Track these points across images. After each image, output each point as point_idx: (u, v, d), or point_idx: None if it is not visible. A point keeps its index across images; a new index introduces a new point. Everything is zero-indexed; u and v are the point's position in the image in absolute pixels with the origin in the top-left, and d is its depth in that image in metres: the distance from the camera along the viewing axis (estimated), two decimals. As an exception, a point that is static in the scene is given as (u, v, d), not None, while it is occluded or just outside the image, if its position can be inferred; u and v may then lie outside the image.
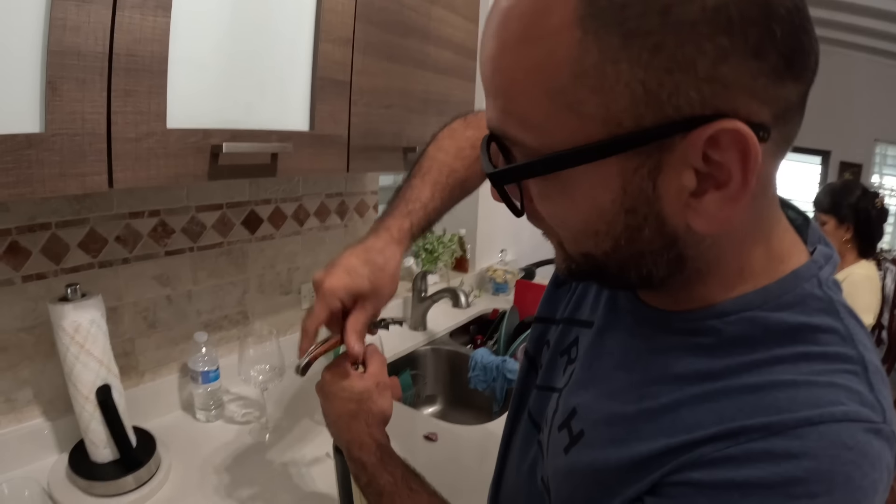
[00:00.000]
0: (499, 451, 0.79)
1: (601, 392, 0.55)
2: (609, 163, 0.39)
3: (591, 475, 0.51)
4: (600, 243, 0.45)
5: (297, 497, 1.11)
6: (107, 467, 1.07)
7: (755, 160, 0.37)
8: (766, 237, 0.47)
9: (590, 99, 0.38)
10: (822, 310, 0.45)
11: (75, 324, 1.01)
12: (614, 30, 0.36)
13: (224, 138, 0.92)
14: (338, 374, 0.77)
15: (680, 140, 0.38)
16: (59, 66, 0.72)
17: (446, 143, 0.86)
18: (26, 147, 0.71)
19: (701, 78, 0.36)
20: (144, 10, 0.79)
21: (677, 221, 0.42)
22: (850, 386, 0.42)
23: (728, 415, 0.42)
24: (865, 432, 0.40)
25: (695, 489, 0.42)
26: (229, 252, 1.46)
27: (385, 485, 0.68)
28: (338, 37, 1.11)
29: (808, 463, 0.39)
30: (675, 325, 0.50)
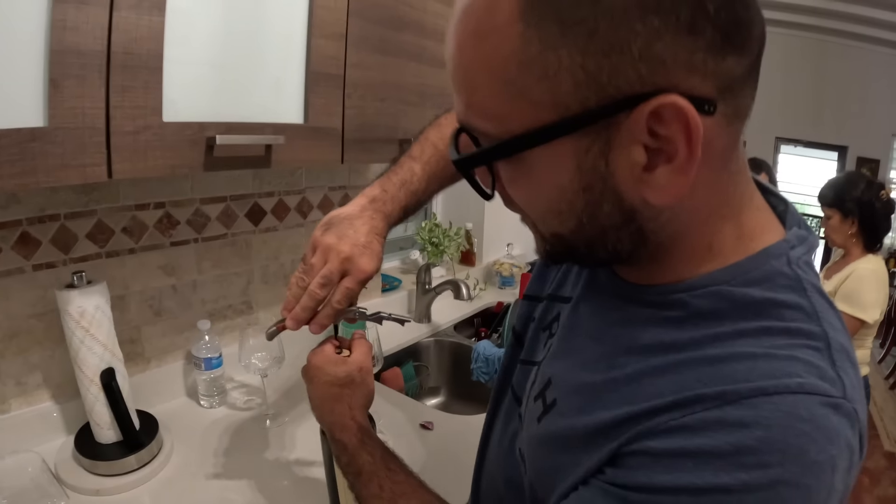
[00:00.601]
0: (483, 425, 0.80)
1: (574, 362, 0.57)
2: (562, 143, 0.42)
3: (561, 443, 0.53)
4: (565, 222, 0.47)
5: (294, 480, 1.14)
6: (110, 448, 1.11)
7: (697, 131, 0.39)
8: (735, 215, 0.48)
9: (537, 86, 0.40)
10: (788, 287, 0.46)
11: (80, 309, 1.05)
12: (552, 20, 0.38)
13: (219, 131, 0.96)
14: (322, 359, 0.80)
15: (625, 118, 0.40)
16: (60, 64, 0.76)
17: (446, 125, 0.89)
18: (30, 140, 0.75)
19: (637, 58, 0.38)
20: (140, 11, 0.82)
21: (633, 196, 0.44)
22: (811, 360, 0.42)
23: (687, 384, 0.43)
24: (822, 406, 0.40)
25: (651, 458, 0.43)
26: (233, 243, 1.50)
27: (364, 464, 0.71)
28: (331, 32, 1.13)
29: (759, 432, 0.39)
30: (646, 297, 0.52)
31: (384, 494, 0.68)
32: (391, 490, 0.68)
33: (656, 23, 0.37)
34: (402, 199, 0.83)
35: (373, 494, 0.69)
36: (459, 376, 1.97)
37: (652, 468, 0.43)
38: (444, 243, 2.28)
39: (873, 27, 5.97)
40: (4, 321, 1.11)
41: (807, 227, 0.51)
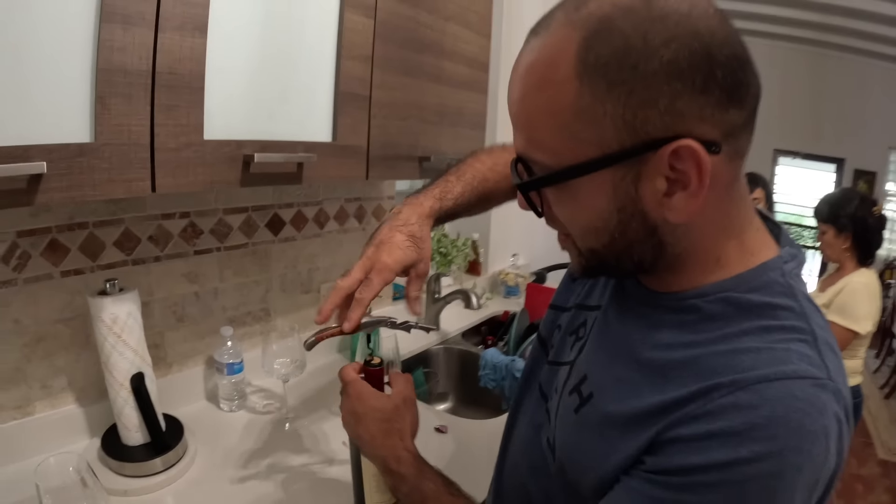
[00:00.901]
0: (506, 421, 0.89)
1: (607, 360, 0.67)
2: (603, 174, 0.53)
3: (598, 430, 0.62)
4: (600, 237, 0.58)
5: (313, 482, 1.18)
6: (137, 450, 1.14)
7: (706, 167, 0.50)
8: (738, 235, 0.59)
9: (586, 129, 0.52)
10: (782, 293, 0.57)
11: (113, 315, 1.09)
12: (601, 80, 0.49)
13: (255, 149, 1.00)
14: (366, 396, 0.83)
15: (651, 156, 0.51)
16: (107, 83, 0.80)
17: (484, 157, 1.02)
18: (78, 155, 0.79)
19: (663, 111, 0.49)
20: (183, 33, 0.87)
21: (655, 216, 0.55)
22: (802, 351, 0.53)
23: (705, 375, 0.53)
24: (812, 386, 0.51)
25: (683, 443, 0.52)
26: (254, 252, 1.54)
27: (428, 491, 0.76)
28: (358, 54, 1.18)
29: (766, 411, 0.49)
30: (666, 303, 0.62)
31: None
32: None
33: (678, 86, 0.48)
34: (437, 198, 0.93)
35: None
36: (467, 382, 2.01)
37: (685, 452, 0.52)
38: (452, 253, 2.32)
39: (871, 41, 6.05)
40: (32, 325, 1.14)
41: (797, 246, 0.63)
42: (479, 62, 1.60)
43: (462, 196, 0.96)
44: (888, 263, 6.85)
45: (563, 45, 0.51)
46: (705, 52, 0.48)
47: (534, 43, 0.55)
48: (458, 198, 0.95)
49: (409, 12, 1.30)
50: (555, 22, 0.53)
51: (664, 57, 0.48)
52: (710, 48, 0.49)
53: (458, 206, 0.96)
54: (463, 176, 0.97)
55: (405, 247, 0.87)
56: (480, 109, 1.65)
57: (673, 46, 0.48)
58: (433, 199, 0.93)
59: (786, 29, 6.26)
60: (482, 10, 1.57)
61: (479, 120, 1.64)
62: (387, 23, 1.24)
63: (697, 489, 0.52)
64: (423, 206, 0.91)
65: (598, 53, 0.49)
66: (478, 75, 1.60)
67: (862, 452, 3.81)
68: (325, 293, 1.77)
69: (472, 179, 0.98)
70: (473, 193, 0.98)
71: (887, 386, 4.79)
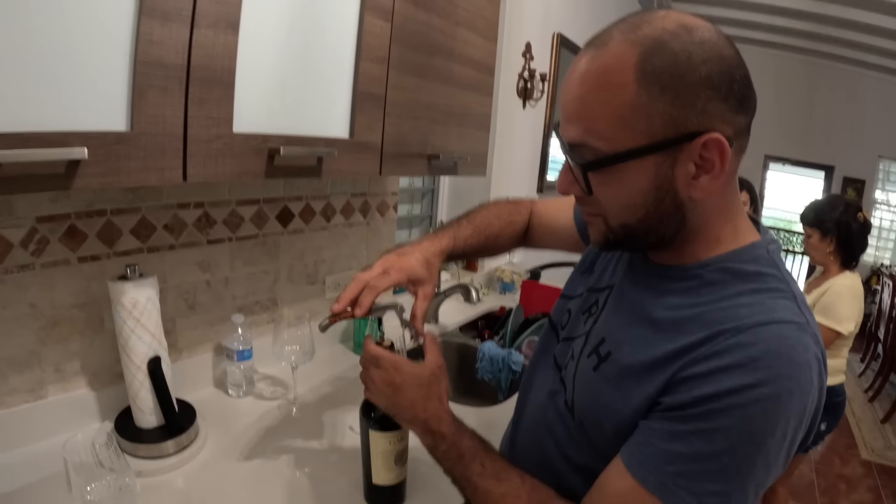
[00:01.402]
0: (518, 396, 1.02)
1: (623, 323, 0.78)
2: (648, 159, 0.66)
3: (617, 382, 0.73)
4: (637, 212, 0.70)
5: (319, 466, 1.21)
6: (151, 432, 1.17)
7: (727, 154, 0.65)
8: (732, 219, 0.74)
9: (640, 122, 0.64)
10: (768, 264, 0.71)
11: (133, 300, 1.12)
12: (656, 85, 0.63)
13: (280, 143, 1.04)
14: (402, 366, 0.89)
15: (686, 145, 0.65)
16: (145, 75, 0.83)
17: (492, 206, 1.19)
18: (115, 143, 0.81)
19: (698, 111, 0.63)
20: (217, 30, 0.91)
21: (683, 194, 0.68)
22: (786, 305, 0.67)
23: (710, 324, 0.66)
24: (796, 329, 0.64)
25: (697, 379, 0.64)
26: (264, 243, 1.58)
27: (465, 448, 0.83)
28: (376, 56, 1.23)
29: (763, 346, 0.62)
30: (673, 274, 0.75)
31: (486, 471, 0.81)
32: (492, 467, 0.81)
33: (710, 94, 0.63)
34: (452, 238, 1.08)
35: (477, 473, 0.81)
36: (465, 374, 2.05)
37: (700, 385, 0.64)
38: (450, 249, 2.36)
39: (863, 52, 6.12)
40: (48, 310, 1.16)
41: (769, 233, 0.77)
42: (486, 66, 1.65)
43: (471, 237, 1.11)
44: (874, 270, 6.96)
45: (624, 57, 0.64)
46: (728, 70, 0.63)
47: (594, 53, 0.67)
48: (467, 238, 1.10)
49: (423, 17, 1.34)
50: (613, 40, 0.65)
51: (702, 72, 0.62)
52: (732, 68, 0.64)
53: (468, 247, 1.11)
54: (473, 220, 1.13)
55: (419, 264, 0.99)
56: (486, 111, 1.69)
57: (708, 65, 0.62)
58: (448, 238, 1.07)
59: (779, 38, 6.33)
60: (490, 16, 1.62)
61: (484, 121, 1.69)
62: (402, 27, 1.28)
63: (711, 416, 0.63)
64: (440, 242, 1.05)
65: (654, 65, 0.62)
66: (484, 78, 1.65)
67: (846, 453, 3.89)
68: (330, 285, 1.81)
69: (480, 223, 1.13)
70: (481, 236, 1.12)
71: (871, 389, 4.88)
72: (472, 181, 2.64)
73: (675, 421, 0.65)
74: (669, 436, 0.65)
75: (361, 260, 1.92)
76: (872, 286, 6.31)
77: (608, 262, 0.91)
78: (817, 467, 3.65)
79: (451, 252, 1.07)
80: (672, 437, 0.65)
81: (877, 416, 4.51)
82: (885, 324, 4.78)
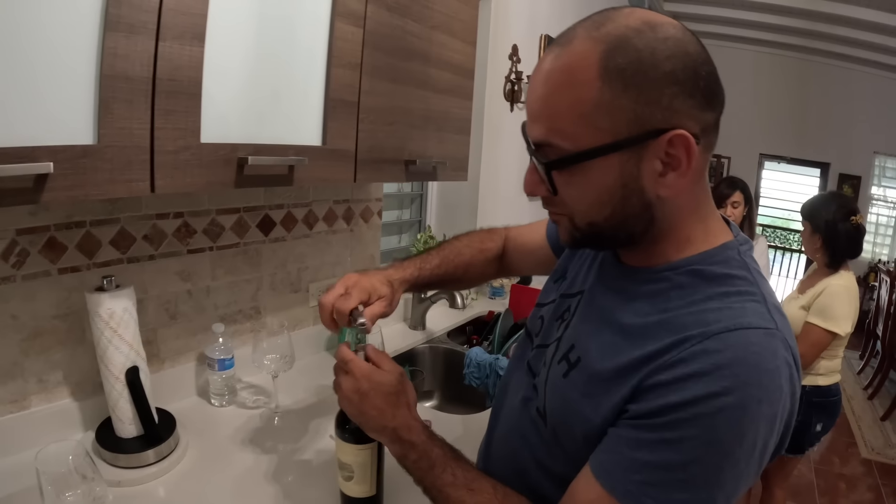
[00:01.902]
0: (494, 402, 1.01)
1: (593, 329, 0.78)
2: (613, 157, 0.65)
3: (586, 389, 0.73)
4: (603, 211, 0.69)
5: (301, 475, 1.21)
6: (131, 442, 1.17)
7: (693, 150, 0.64)
8: (704, 220, 0.73)
9: (603, 119, 0.64)
10: (738, 266, 0.71)
11: (110, 311, 1.13)
12: (619, 82, 0.62)
13: (249, 152, 1.04)
14: (368, 372, 0.87)
15: (652, 142, 0.64)
16: (110, 89, 0.84)
17: (464, 236, 1.22)
18: (82, 156, 0.83)
19: (663, 108, 0.62)
20: (182, 41, 0.91)
21: (651, 192, 0.67)
22: (755, 309, 0.66)
23: (677, 330, 0.65)
24: (764, 335, 0.63)
25: (663, 387, 0.63)
26: (245, 252, 1.58)
27: (436, 457, 0.82)
28: (347, 62, 1.23)
29: (730, 353, 0.61)
30: (642, 276, 0.75)
31: (458, 481, 0.80)
32: (464, 476, 0.80)
33: (675, 90, 0.62)
34: (418, 267, 1.11)
35: (448, 482, 0.80)
36: (452, 381, 2.06)
37: (665, 393, 0.63)
38: (438, 254, 2.36)
39: (856, 47, 6.13)
40: (30, 321, 1.17)
41: (743, 235, 0.77)
42: (465, 69, 1.65)
43: (438, 267, 1.12)
44: (872, 266, 6.95)
45: (587, 54, 0.63)
46: (693, 66, 0.63)
47: (558, 52, 0.66)
48: (434, 269, 1.12)
49: (397, 21, 1.35)
50: (576, 38, 0.65)
51: (666, 68, 0.62)
52: (697, 64, 0.63)
53: (434, 276, 1.12)
54: (441, 251, 1.16)
55: (380, 283, 1.01)
56: (465, 115, 1.69)
57: (672, 61, 0.62)
58: (414, 267, 1.10)
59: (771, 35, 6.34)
60: (468, 19, 1.62)
61: (464, 125, 1.69)
62: (375, 32, 1.28)
63: (676, 425, 0.62)
64: (405, 271, 1.08)
65: (617, 62, 0.62)
66: (463, 82, 1.65)
67: (845, 452, 3.87)
68: (314, 292, 1.82)
69: (448, 253, 1.15)
70: (450, 265, 1.14)
71: (871, 386, 4.87)
72: (460, 185, 2.64)
73: (641, 429, 0.65)
74: (636, 444, 0.65)
75: (346, 267, 1.93)
76: (870, 282, 6.31)
77: (580, 268, 0.91)
78: (817, 467, 3.63)
79: (415, 281, 1.09)
80: (639, 446, 0.65)
81: (876, 413, 4.49)
82: (883, 320, 4.77)
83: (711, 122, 0.66)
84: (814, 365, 2.27)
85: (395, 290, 1.03)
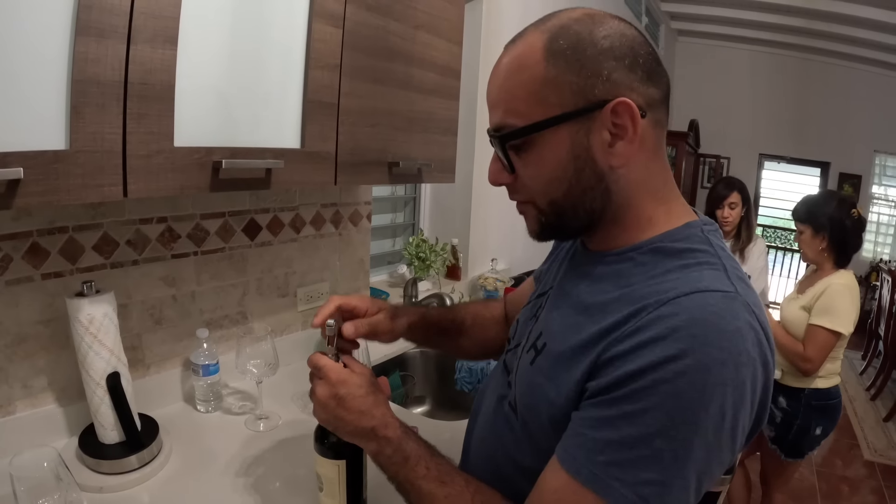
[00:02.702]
0: (473, 406, 1.02)
1: (560, 315, 0.79)
2: (562, 129, 0.69)
3: (550, 372, 0.74)
4: (560, 186, 0.72)
5: (286, 482, 1.20)
6: (113, 448, 1.17)
7: (637, 118, 0.68)
8: (666, 202, 0.76)
9: (551, 95, 0.69)
10: (700, 242, 0.72)
11: (90, 316, 1.12)
12: (562, 60, 0.68)
13: (224, 155, 1.04)
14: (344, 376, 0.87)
15: (598, 113, 0.68)
16: (81, 93, 0.83)
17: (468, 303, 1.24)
18: (53, 162, 0.82)
19: (605, 80, 0.67)
20: (154, 44, 0.91)
21: (603, 163, 0.70)
22: (713, 275, 0.67)
23: (635, 301, 0.66)
24: (722, 297, 0.63)
25: (620, 358, 0.63)
26: (230, 256, 1.57)
27: (410, 450, 0.82)
28: (326, 63, 1.22)
29: (685, 316, 0.61)
30: (607, 258, 0.76)
31: (431, 474, 0.79)
32: (437, 470, 0.79)
33: (614, 63, 0.68)
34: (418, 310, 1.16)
35: (421, 475, 0.79)
36: (443, 386, 2.05)
37: (622, 364, 0.63)
38: (430, 258, 2.36)
39: (855, 46, 6.12)
40: (13, 327, 1.17)
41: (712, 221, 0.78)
42: (451, 69, 1.63)
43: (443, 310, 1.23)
44: (874, 266, 6.92)
45: (533, 43, 0.70)
46: (630, 45, 0.69)
47: (510, 48, 0.73)
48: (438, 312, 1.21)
49: (378, 21, 1.34)
50: (526, 33, 0.72)
51: (604, 45, 0.68)
52: (634, 44, 0.69)
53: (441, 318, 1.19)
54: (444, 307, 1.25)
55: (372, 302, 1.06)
56: (452, 115, 1.68)
57: (609, 39, 0.68)
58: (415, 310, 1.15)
59: (770, 34, 6.34)
60: (453, 19, 1.60)
61: (450, 126, 1.68)
62: (355, 32, 1.27)
63: (636, 396, 0.61)
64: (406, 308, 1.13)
65: (559, 44, 0.68)
66: (449, 82, 1.63)
67: (848, 454, 3.84)
68: (302, 297, 1.81)
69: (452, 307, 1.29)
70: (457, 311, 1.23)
71: (873, 387, 4.84)
72: (454, 188, 2.63)
73: (601, 406, 0.64)
74: (597, 423, 0.63)
75: (335, 271, 1.92)
76: (872, 282, 6.28)
77: (550, 270, 0.95)
78: (819, 470, 3.59)
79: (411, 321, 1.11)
80: (600, 424, 0.63)
81: (879, 414, 4.47)
82: (885, 320, 4.75)
83: (657, 98, 0.71)
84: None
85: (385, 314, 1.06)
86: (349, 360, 0.91)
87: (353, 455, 0.94)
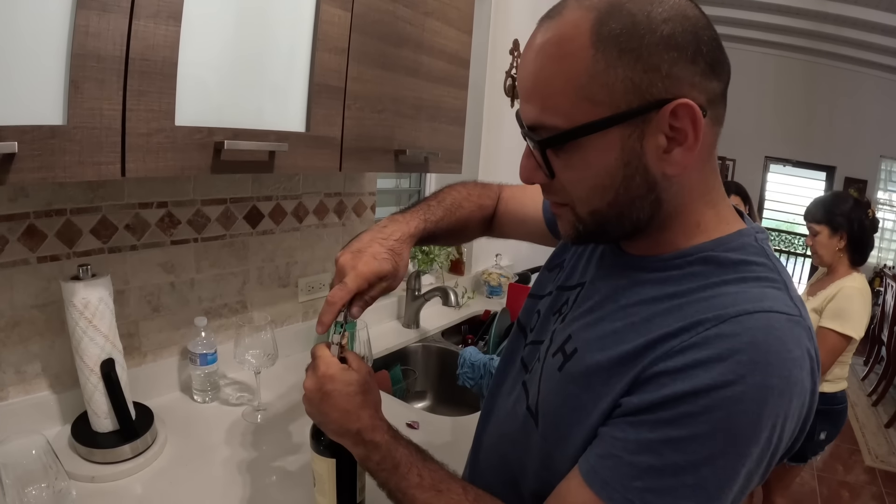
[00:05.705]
0: (485, 403, 0.94)
1: (593, 320, 0.71)
2: (612, 132, 0.59)
3: (583, 382, 0.66)
4: (606, 194, 0.63)
5: (282, 475, 1.18)
6: (106, 436, 1.15)
7: (700, 122, 0.58)
8: (715, 204, 0.67)
9: (600, 91, 0.58)
10: (756, 253, 0.64)
11: (85, 300, 1.09)
12: (613, 49, 0.57)
13: (226, 136, 1.01)
14: (334, 371, 0.80)
15: (654, 115, 0.58)
16: (81, 68, 0.81)
17: (460, 187, 1.09)
18: (50, 137, 0.79)
19: (664, 75, 0.57)
20: (157, 20, 0.88)
21: (656, 171, 0.61)
22: (776, 294, 0.60)
23: (689, 315, 0.59)
24: (787, 320, 0.57)
25: (669, 376, 0.57)
26: (231, 244, 1.55)
27: (401, 457, 0.76)
28: (334, 46, 1.19)
29: (746, 338, 0.55)
30: (651, 265, 0.68)
31: (425, 482, 0.73)
32: (430, 477, 0.74)
33: (675, 55, 0.57)
34: (423, 219, 0.96)
35: (414, 484, 0.73)
36: (445, 381, 2.02)
37: (670, 382, 0.57)
38: (434, 252, 2.33)
39: (863, 50, 6.09)
40: (7, 310, 1.15)
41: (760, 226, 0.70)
42: (460, 58, 1.60)
43: (442, 220, 1.00)
44: (878, 272, 6.89)
45: (578, 23, 0.58)
46: (693, 30, 0.58)
47: (548, 24, 0.61)
48: (438, 221, 0.99)
49: (387, 6, 1.31)
50: (567, 8, 0.60)
51: (664, 31, 0.56)
52: (697, 28, 0.58)
53: (439, 230, 0.99)
54: (443, 201, 1.02)
55: (382, 258, 0.86)
56: (460, 105, 1.65)
57: (670, 24, 0.57)
58: (419, 219, 0.95)
59: (779, 37, 6.30)
60: (464, 7, 1.58)
61: (458, 115, 1.65)
62: (364, 16, 1.24)
63: (685, 421, 0.55)
64: (409, 225, 0.93)
65: (610, 28, 0.57)
66: (458, 71, 1.61)
67: (849, 459, 3.82)
68: (303, 287, 1.78)
69: (451, 205, 1.03)
70: (452, 218, 1.02)
71: (875, 393, 4.82)
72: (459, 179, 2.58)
73: (641, 428, 0.58)
74: (637, 447, 0.57)
75: (338, 262, 1.88)
76: (875, 287, 6.25)
77: (580, 258, 0.84)
78: (819, 475, 3.57)
79: (421, 235, 0.95)
80: (640, 449, 0.57)
81: (881, 420, 4.44)
82: (888, 326, 4.72)
83: (718, 92, 0.61)
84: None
85: (399, 257, 0.89)
86: (350, 356, 0.85)
87: (345, 454, 0.90)
